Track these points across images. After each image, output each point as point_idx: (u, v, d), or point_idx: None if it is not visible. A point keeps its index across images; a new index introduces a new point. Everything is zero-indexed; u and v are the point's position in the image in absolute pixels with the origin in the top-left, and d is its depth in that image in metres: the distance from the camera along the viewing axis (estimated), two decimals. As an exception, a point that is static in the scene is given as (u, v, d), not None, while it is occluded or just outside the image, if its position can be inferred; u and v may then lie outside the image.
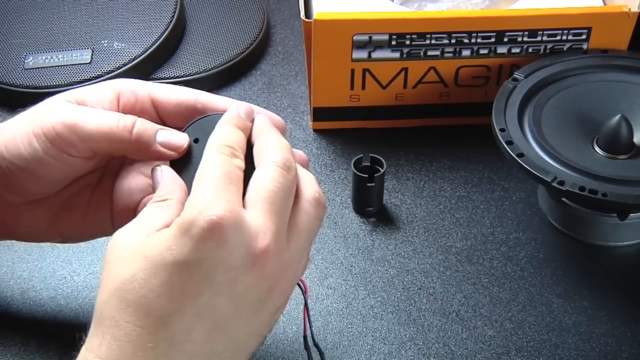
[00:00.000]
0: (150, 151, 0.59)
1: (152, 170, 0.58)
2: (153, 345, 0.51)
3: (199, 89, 0.88)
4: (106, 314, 0.52)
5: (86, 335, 0.53)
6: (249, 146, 0.58)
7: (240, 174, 0.54)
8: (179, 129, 0.61)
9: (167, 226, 0.53)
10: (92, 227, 0.64)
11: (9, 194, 0.62)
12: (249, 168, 0.56)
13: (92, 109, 0.60)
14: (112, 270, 0.52)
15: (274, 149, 0.56)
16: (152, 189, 0.58)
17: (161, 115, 0.62)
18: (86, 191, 0.63)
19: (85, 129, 0.58)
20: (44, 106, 0.60)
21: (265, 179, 0.54)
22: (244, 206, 0.53)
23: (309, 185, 0.56)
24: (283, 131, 0.60)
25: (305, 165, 0.60)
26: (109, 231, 0.63)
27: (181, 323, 0.51)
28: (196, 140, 0.59)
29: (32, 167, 0.59)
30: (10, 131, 0.60)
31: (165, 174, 0.57)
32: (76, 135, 0.58)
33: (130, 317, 0.51)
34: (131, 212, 0.62)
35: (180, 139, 0.59)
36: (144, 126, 0.59)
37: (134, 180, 0.62)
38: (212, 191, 0.52)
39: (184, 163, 0.59)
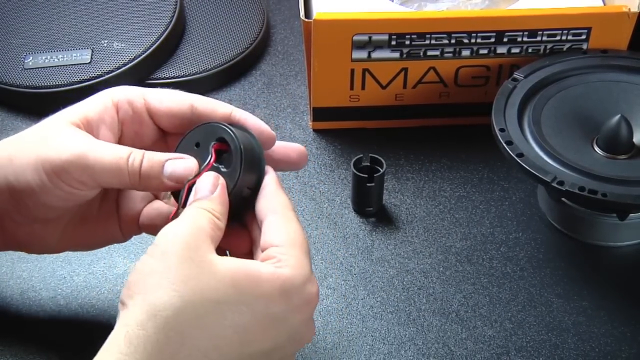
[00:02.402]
0: (156, 186, 0.59)
1: (209, 174, 0.59)
2: None
3: (198, 88, 0.89)
4: (175, 326, 0.52)
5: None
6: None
7: None
8: (177, 134, 0.61)
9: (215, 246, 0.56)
10: (103, 236, 0.65)
11: (20, 217, 0.62)
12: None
13: (101, 143, 0.59)
14: (192, 280, 0.53)
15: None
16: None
17: (157, 122, 0.62)
18: (94, 204, 0.64)
19: (96, 168, 0.58)
20: (52, 134, 0.59)
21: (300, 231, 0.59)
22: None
23: None
24: (272, 142, 0.62)
25: (304, 158, 0.63)
26: (119, 239, 0.65)
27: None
28: (197, 145, 0.59)
29: (42, 198, 0.60)
30: (20, 163, 0.59)
31: (223, 190, 0.58)
32: (86, 174, 0.58)
33: (199, 341, 0.53)
34: (135, 220, 0.63)
35: (188, 165, 0.59)
36: (150, 163, 0.58)
37: (135, 193, 0.63)
38: (309, 263, 0.57)
39: None
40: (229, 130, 0.59)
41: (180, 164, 0.59)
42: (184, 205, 0.58)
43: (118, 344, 0.51)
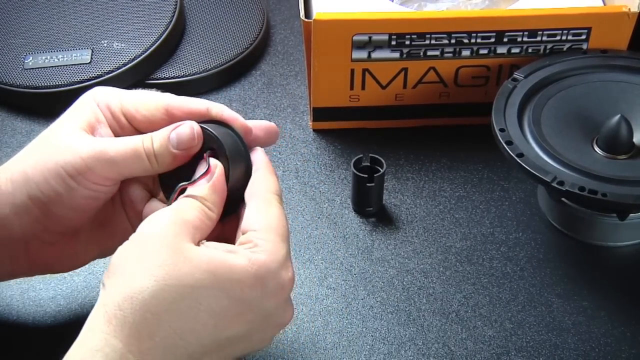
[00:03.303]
0: (172, 160, 0.61)
1: (210, 161, 0.60)
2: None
3: (198, 88, 0.89)
4: (152, 308, 0.53)
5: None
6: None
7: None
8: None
9: (203, 236, 0.58)
10: (121, 237, 0.65)
11: (49, 234, 0.63)
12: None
13: (112, 138, 0.61)
14: (171, 266, 0.54)
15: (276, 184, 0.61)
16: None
17: (135, 127, 0.63)
18: (108, 209, 0.65)
19: (118, 159, 0.60)
20: (63, 140, 0.61)
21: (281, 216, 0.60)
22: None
23: None
24: (250, 132, 0.63)
25: (273, 135, 0.64)
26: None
27: (222, 345, 0.57)
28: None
29: (70, 202, 0.61)
30: (39, 174, 0.60)
31: (220, 178, 0.60)
32: (108, 168, 0.60)
33: (179, 323, 0.54)
34: (140, 215, 0.64)
35: (188, 128, 0.60)
36: (159, 141, 0.60)
37: (133, 192, 0.64)
38: (285, 248, 0.58)
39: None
40: (214, 137, 0.60)
41: (182, 129, 0.60)
42: None
43: (99, 323, 0.53)
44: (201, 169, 0.60)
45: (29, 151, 0.62)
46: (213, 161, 0.60)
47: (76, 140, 0.60)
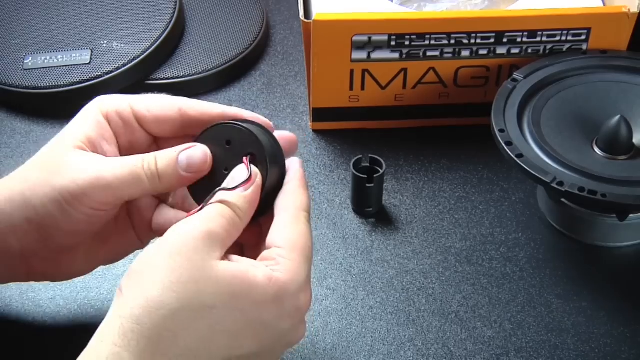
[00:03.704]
0: (177, 182, 0.59)
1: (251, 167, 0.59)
2: None
3: (198, 89, 0.89)
4: (168, 325, 0.52)
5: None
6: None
7: None
8: (170, 139, 0.62)
9: (225, 247, 0.56)
10: (124, 249, 0.66)
11: (46, 252, 0.62)
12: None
13: (111, 159, 0.60)
14: (191, 284, 0.53)
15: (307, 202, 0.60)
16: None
17: (147, 129, 0.62)
18: (111, 223, 0.64)
19: (115, 184, 0.58)
20: (62, 162, 0.59)
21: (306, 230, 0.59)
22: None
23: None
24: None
25: (294, 146, 0.63)
26: (139, 246, 0.66)
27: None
28: (228, 143, 0.60)
29: (68, 227, 0.60)
30: (38, 199, 0.59)
31: (257, 190, 0.59)
32: (106, 193, 0.58)
33: (193, 343, 0.53)
34: (149, 227, 0.64)
35: (201, 151, 0.59)
36: (164, 162, 0.59)
37: (140, 201, 0.63)
38: (307, 270, 0.57)
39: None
40: (256, 141, 0.59)
41: (193, 152, 0.59)
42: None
43: (112, 335, 0.52)
44: (241, 176, 0.58)
45: (28, 170, 0.61)
46: (254, 169, 0.58)
47: (73, 163, 0.59)
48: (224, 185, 0.58)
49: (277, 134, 0.62)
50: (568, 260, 0.74)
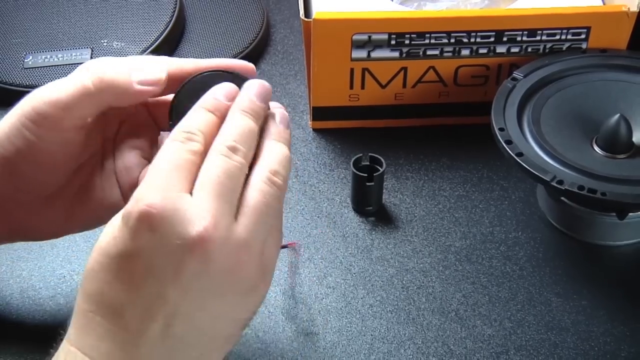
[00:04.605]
0: (131, 93, 0.59)
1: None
2: (114, 333, 0.52)
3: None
4: (78, 305, 0.53)
5: (65, 332, 0.55)
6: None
7: (194, 158, 0.54)
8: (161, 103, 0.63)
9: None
10: (110, 211, 0.64)
11: (22, 194, 0.62)
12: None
13: (61, 80, 0.60)
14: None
15: (223, 134, 0.55)
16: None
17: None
18: (95, 176, 0.64)
19: (62, 98, 0.59)
20: (28, 96, 0.61)
21: (210, 164, 0.53)
22: (192, 191, 0.53)
23: (267, 163, 0.55)
24: (253, 71, 0.62)
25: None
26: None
27: (133, 313, 0.52)
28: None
29: (33, 157, 0.60)
30: (3, 132, 0.60)
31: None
32: (55, 108, 0.59)
33: (91, 307, 0.52)
34: (134, 186, 0.62)
35: (155, 72, 0.59)
36: (111, 74, 0.59)
37: (129, 158, 0.63)
38: (151, 180, 0.52)
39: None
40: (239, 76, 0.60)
41: (148, 71, 0.60)
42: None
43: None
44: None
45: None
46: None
47: (38, 91, 0.60)
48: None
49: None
50: (568, 258, 0.75)
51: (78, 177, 0.64)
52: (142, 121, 0.64)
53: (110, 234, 0.52)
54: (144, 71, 0.60)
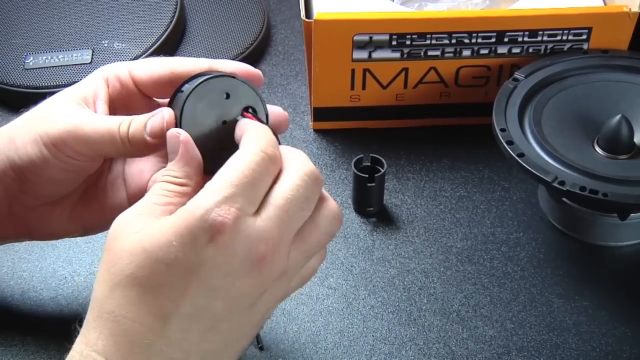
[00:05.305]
0: (145, 147, 0.59)
1: (168, 134, 0.56)
2: (149, 342, 0.51)
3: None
4: (106, 308, 0.52)
5: (81, 326, 0.54)
6: None
7: (267, 179, 0.54)
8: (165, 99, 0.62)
9: (171, 212, 0.53)
10: (112, 214, 0.64)
11: (28, 198, 0.63)
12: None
13: (96, 115, 0.60)
14: (113, 262, 0.52)
15: (301, 158, 0.56)
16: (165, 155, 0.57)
17: (144, 91, 0.63)
18: (100, 180, 0.64)
19: (91, 137, 0.59)
20: (50, 110, 0.61)
21: (288, 186, 0.54)
22: (260, 207, 0.53)
23: (331, 201, 0.57)
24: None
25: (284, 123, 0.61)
26: None
27: (178, 322, 0.52)
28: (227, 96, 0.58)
29: (45, 172, 0.61)
30: (20, 138, 0.61)
31: (186, 147, 0.56)
32: (81, 143, 0.59)
33: (130, 314, 0.51)
34: (143, 190, 0.62)
35: (160, 118, 0.58)
36: (135, 126, 0.59)
37: (142, 161, 0.63)
38: (228, 191, 0.52)
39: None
40: (255, 95, 0.58)
41: (156, 118, 0.58)
42: None
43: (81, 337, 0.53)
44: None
45: (21, 119, 0.63)
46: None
47: (60, 112, 0.60)
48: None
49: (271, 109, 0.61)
50: (569, 259, 0.75)
51: (84, 182, 0.64)
52: None
53: (164, 237, 0.51)
54: (154, 120, 0.58)
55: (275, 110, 0.61)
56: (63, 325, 0.69)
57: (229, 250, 0.51)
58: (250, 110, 0.58)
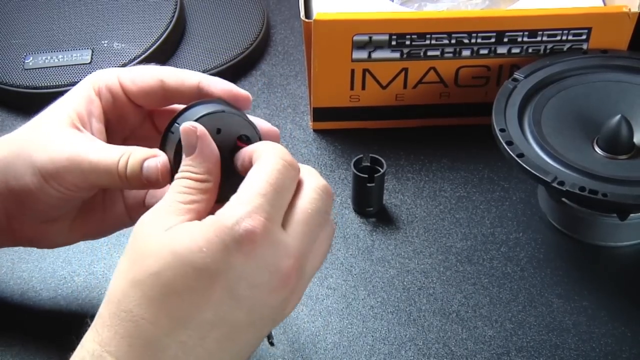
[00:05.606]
0: (142, 187, 0.59)
1: (183, 128, 0.55)
2: (165, 346, 0.51)
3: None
4: (124, 305, 0.51)
5: (92, 320, 0.53)
6: None
7: (293, 187, 0.54)
8: (162, 110, 0.63)
9: (199, 214, 0.53)
10: (111, 223, 0.65)
11: (25, 218, 0.63)
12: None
13: (93, 146, 0.60)
14: (137, 260, 0.52)
15: (314, 174, 0.56)
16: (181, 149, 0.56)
17: (134, 101, 0.63)
18: (98, 194, 0.64)
19: (89, 172, 0.59)
20: (46, 136, 0.60)
21: (307, 199, 0.54)
22: (285, 220, 0.53)
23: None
24: (249, 102, 0.61)
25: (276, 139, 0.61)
26: (127, 223, 0.65)
27: (197, 328, 0.51)
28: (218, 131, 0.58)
29: (42, 199, 0.61)
30: (19, 167, 0.61)
31: (205, 142, 0.55)
32: (79, 178, 0.59)
33: (148, 314, 0.51)
34: (142, 203, 0.63)
35: (152, 168, 0.58)
36: (132, 163, 0.58)
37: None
38: (257, 201, 0.52)
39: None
40: (249, 125, 0.58)
41: (149, 163, 0.58)
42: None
43: (88, 339, 0.52)
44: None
45: (18, 136, 0.62)
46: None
47: (56, 140, 0.60)
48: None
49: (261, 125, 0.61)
50: (569, 259, 0.75)
51: (79, 203, 0.64)
52: (147, 135, 0.64)
53: (194, 242, 0.51)
54: (147, 169, 0.58)
55: (264, 126, 0.61)
56: (62, 325, 0.69)
57: (257, 260, 0.51)
58: (244, 137, 0.58)
